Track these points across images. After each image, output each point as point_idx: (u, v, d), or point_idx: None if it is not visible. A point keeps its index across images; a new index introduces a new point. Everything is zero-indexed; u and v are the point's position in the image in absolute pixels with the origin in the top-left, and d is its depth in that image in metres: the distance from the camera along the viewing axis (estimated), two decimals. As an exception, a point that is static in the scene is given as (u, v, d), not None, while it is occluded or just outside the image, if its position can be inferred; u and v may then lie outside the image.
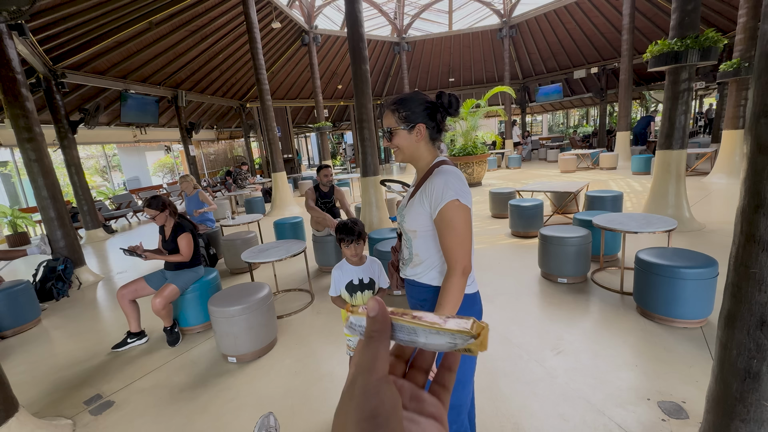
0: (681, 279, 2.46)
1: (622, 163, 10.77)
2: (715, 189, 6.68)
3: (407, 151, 1.26)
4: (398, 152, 1.28)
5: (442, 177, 1.17)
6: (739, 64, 6.53)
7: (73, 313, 3.95)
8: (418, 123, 1.22)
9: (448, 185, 1.15)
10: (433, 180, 1.18)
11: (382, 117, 1.29)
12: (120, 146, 15.27)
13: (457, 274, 1.14)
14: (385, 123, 1.25)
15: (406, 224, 1.28)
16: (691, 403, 1.85)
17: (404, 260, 1.38)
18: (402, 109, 1.22)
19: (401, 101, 1.23)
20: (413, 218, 1.25)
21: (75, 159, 7.30)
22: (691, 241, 4.08)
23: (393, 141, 1.25)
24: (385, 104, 1.26)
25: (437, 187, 1.16)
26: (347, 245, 1.88)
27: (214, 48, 10.48)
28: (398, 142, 1.25)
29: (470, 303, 1.27)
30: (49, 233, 4.66)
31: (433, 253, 1.26)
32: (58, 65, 7.05)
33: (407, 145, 1.25)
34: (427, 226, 1.23)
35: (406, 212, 1.29)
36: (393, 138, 1.24)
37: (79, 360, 2.91)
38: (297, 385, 2.30)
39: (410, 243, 1.31)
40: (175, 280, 2.92)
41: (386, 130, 1.25)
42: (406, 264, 1.37)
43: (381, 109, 1.31)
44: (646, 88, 15.39)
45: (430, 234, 1.24)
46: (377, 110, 14.84)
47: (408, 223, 1.27)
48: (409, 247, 1.32)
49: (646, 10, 11.64)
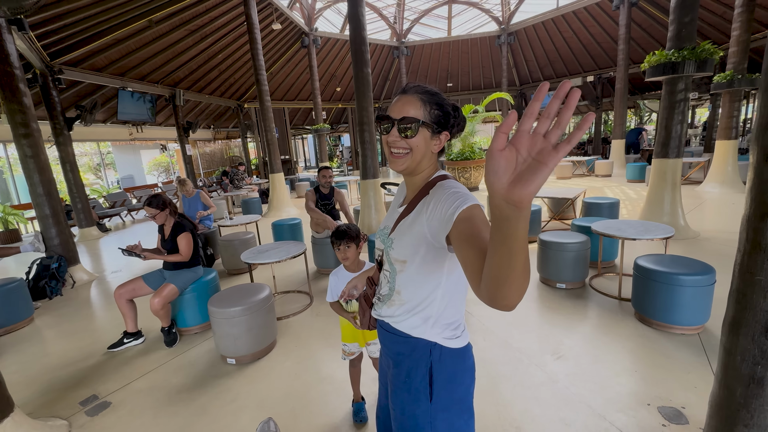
0: (679, 286, 2.49)
1: (617, 171, 10.91)
2: (709, 198, 6.79)
3: (418, 156, 0.94)
4: (404, 157, 0.94)
5: (447, 188, 0.90)
6: (732, 76, 6.67)
7: (67, 312, 3.88)
8: (445, 131, 0.96)
9: (459, 193, 0.87)
10: (435, 196, 0.90)
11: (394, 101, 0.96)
12: (115, 144, 15.13)
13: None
14: (406, 111, 0.91)
15: (394, 252, 0.98)
16: (691, 409, 1.87)
17: (381, 296, 1.08)
18: (435, 107, 0.93)
19: (436, 96, 0.94)
20: (405, 245, 0.95)
21: (70, 156, 7.22)
22: (686, 249, 4.13)
23: (412, 138, 0.91)
24: (411, 89, 0.94)
25: (446, 198, 0.87)
26: (337, 248, 1.86)
27: (213, 48, 10.46)
28: (417, 142, 0.92)
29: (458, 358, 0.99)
30: (43, 230, 4.59)
31: (420, 293, 0.97)
32: (56, 61, 6.99)
33: (423, 149, 0.94)
34: (420, 254, 0.93)
35: (395, 236, 0.99)
36: (415, 134, 0.91)
37: (73, 360, 2.87)
38: (297, 388, 2.29)
39: (393, 276, 1.01)
40: (174, 280, 2.89)
41: (405, 121, 0.91)
42: (382, 301, 1.06)
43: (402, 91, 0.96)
44: (640, 98, 15.63)
45: (420, 266, 0.94)
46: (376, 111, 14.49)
47: (396, 251, 0.98)
48: (391, 282, 1.02)
49: (641, 21, 11.85)
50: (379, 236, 1.09)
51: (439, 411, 0.97)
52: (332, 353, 2.64)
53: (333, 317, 3.18)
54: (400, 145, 0.93)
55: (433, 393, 0.96)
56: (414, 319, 0.98)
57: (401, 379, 1.02)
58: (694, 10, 4.24)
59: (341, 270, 1.93)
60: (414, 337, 0.98)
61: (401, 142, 0.92)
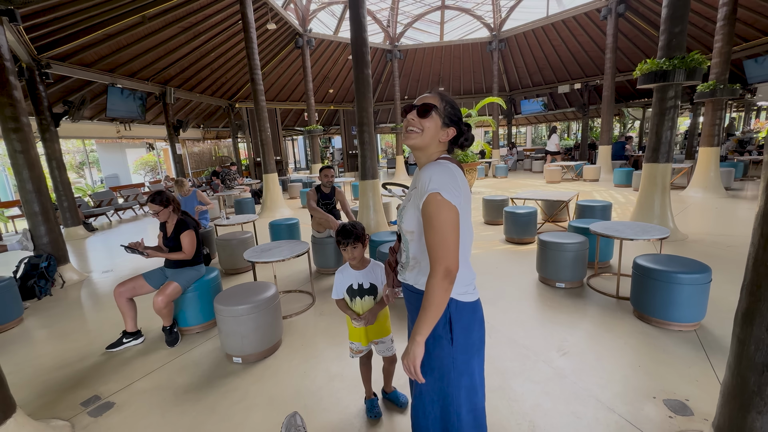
0: (677, 284, 2.58)
1: (604, 176, 11.21)
2: (693, 202, 7.04)
3: (427, 137, 1.16)
4: (417, 134, 1.16)
5: (429, 169, 1.09)
6: (714, 86, 6.96)
7: (58, 312, 3.76)
8: (452, 126, 1.19)
9: (432, 178, 1.07)
10: (421, 174, 1.11)
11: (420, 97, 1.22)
12: (99, 142, 14.73)
13: (438, 275, 1.04)
14: (425, 99, 1.18)
15: (403, 224, 1.22)
16: (695, 401, 1.94)
17: (402, 264, 1.31)
18: (449, 106, 1.19)
19: (453, 102, 1.21)
20: (409, 218, 1.18)
21: (57, 153, 7.02)
22: (677, 250, 4.28)
23: (425, 118, 1.15)
24: (434, 91, 1.21)
25: (422, 180, 1.09)
26: (344, 248, 1.85)
27: (206, 46, 10.33)
28: (429, 125, 1.15)
29: (471, 310, 1.20)
30: (32, 228, 4.44)
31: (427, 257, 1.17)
32: (43, 55, 6.79)
33: (433, 133, 1.16)
34: (422, 225, 1.14)
35: (404, 212, 1.22)
36: (427, 116, 1.15)
37: (69, 361, 2.78)
38: (307, 386, 2.27)
39: (407, 245, 1.23)
40: (176, 278, 2.84)
41: (423, 104, 1.16)
42: (404, 268, 1.29)
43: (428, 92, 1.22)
44: (625, 105, 16.11)
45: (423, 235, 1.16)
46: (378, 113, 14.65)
47: (405, 223, 1.21)
48: (407, 251, 1.24)
49: (628, 32, 12.25)
50: (399, 214, 1.31)
51: (459, 353, 1.18)
52: (339, 351, 2.63)
53: (337, 316, 3.18)
54: (416, 124, 1.16)
55: (453, 338, 1.17)
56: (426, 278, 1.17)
57: None
58: (684, 21, 4.42)
59: (347, 268, 1.92)
60: None
61: (416, 121, 1.16)
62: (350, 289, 1.89)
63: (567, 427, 1.83)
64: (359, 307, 1.89)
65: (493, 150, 15.41)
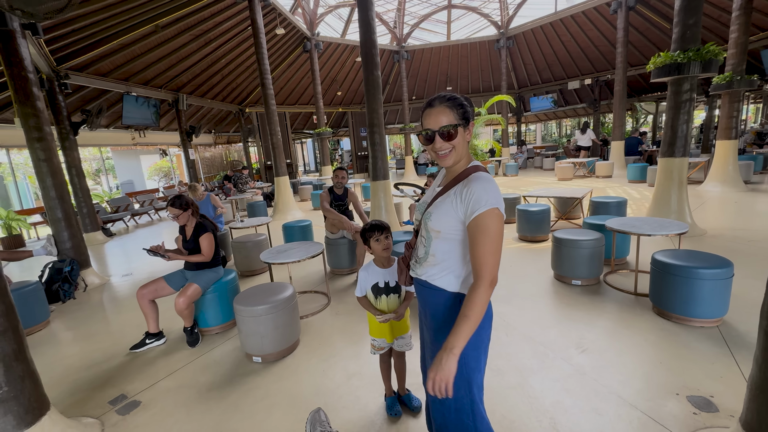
0: (698, 279, 2.54)
1: (617, 172, 11.02)
2: (711, 197, 6.89)
3: (461, 151, 1.19)
4: (450, 153, 1.18)
5: (482, 183, 1.13)
6: (731, 78, 6.80)
7: (82, 315, 3.88)
8: (470, 121, 1.20)
9: (489, 192, 1.11)
10: (472, 184, 1.13)
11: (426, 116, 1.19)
12: (114, 149, 15.09)
13: (485, 284, 1.09)
14: (440, 120, 1.16)
15: (431, 223, 1.22)
16: (720, 397, 1.91)
17: (418, 258, 1.32)
18: (458, 107, 1.17)
19: (455, 99, 1.18)
20: (440, 218, 1.20)
21: (76, 161, 7.22)
22: (696, 246, 4.19)
23: (452, 140, 1.16)
24: (436, 102, 1.18)
25: (476, 192, 1.11)
26: (377, 240, 1.88)
27: (217, 53, 10.51)
28: (458, 141, 1.17)
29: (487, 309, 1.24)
30: (55, 234, 4.59)
31: (453, 256, 1.22)
32: (62, 66, 7.01)
33: (462, 143, 1.19)
34: (453, 229, 1.18)
35: (433, 210, 1.23)
36: (453, 137, 1.16)
37: (96, 361, 2.87)
38: (327, 384, 2.31)
39: (429, 242, 1.25)
40: (196, 280, 2.91)
41: (442, 129, 1.15)
42: (419, 263, 1.31)
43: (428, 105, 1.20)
44: (637, 100, 15.83)
45: (453, 237, 1.20)
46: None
47: (433, 222, 1.22)
48: (426, 246, 1.26)
49: (639, 25, 12.04)
50: (419, 209, 1.35)
51: (469, 349, 1.19)
52: (357, 350, 2.66)
53: (353, 316, 3.21)
54: (445, 147, 1.18)
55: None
56: (449, 276, 1.24)
57: (439, 324, 1.28)
58: (698, 12, 4.34)
59: (371, 265, 1.95)
60: (448, 291, 1.24)
61: (446, 144, 1.17)
62: (375, 287, 1.91)
63: (588, 424, 1.82)
64: (384, 304, 1.91)
65: (503, 148, 15.30)
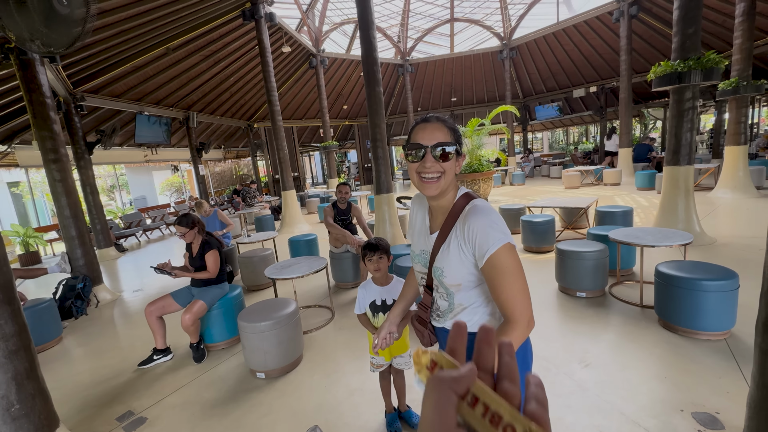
0: (703, 291, 2.50)
1: (625, 179, 10.90)
2: (722, 204, 6.77)
3: (449, 179, 1.03)
4: (438, 180, 1.01)
5: (482, 217, 0.98)
6: (737, 83, 6.74)
7: (94, 331, 3.97)
8: (462, 153, 1.05)
9: (494, 227, 0.96)
10: (471, 221, 0.99)
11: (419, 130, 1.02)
12: (128, 166, 15.53)
13: (521, 327, 0.94)
14: (436, 136, 0.99)
15: (447, 279, 1.06)
16: (726, 414, 1.87)
17: (441, 312, 1.16)
18: (455, 132, 1.04)
19: (454, 124, 1.06)
20: (453, 272, 1.04)
21: (90, 179, 7.46)
22: (704, 255, 4.13)
23: (445, 162, 1.00)
24: (433, 118, 1.03)
25: (481, 230, 0.97)
26: (370, 259, 1.93)
27: (226, 71, 10.83)
28: (450, 166, 1.01)
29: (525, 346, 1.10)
30: (69, 251, 4.73)
31: (482, 297, 1.08)
32: (78, 89, 7.31)
33: (452, 172, 1.03)
34: (473, 276, 1.04)
35: (442, 265, 1.06)
36: (447, 158, 0.99)
37: (105, 377, 2.93)
38: (329, 400, 2.32)
39: (451, 297, 1.10)
40: (202, 296, 2.97)
41: (438, 145, 0.98)
42: (443, 315, 1.16)
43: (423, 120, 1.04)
44: (644, 106, 15.73)
45: (476, 283, 1.06)
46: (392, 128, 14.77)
47: (448, 278, 1.06)
48: (449, 300, 1.11)
49: (642, 32, 12.05)
50: (419, 261, 1.17)
51: None
52: (359, 365, 2.67)
53: (357, 330, 3.22)
54: (435, 169, 1.00)
55: None
56: (482, 317, 1.09)
57: None
58: (697, 21, 4.35)
59: (369, 283, 1.99)
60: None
61: (436, 166, 0.99)
62: (372, 305, 1.94)
63: (590, 442, 1.80)
64: (381, 322, 1.93)
65: (509, 157, 15.29)
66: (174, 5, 6.70)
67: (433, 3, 15.00)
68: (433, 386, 0.26)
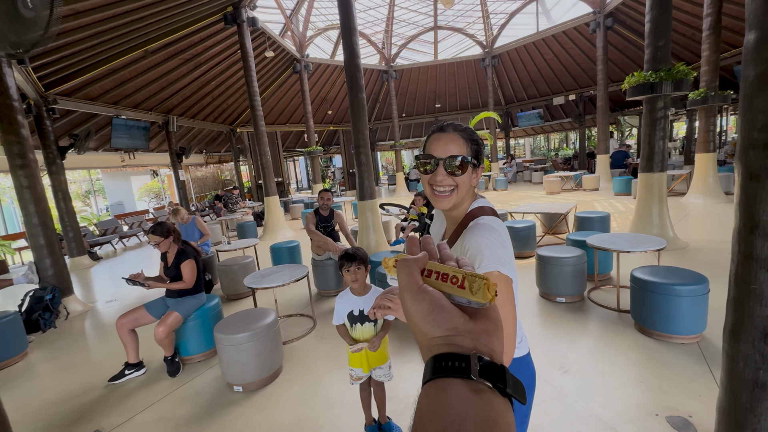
0: (676, 296, 2.57)
1: (603, 185, 11.23)
2: (694, 209, 7.03)
3: (463, 192, 0.98)
4: (451, 195, 0.96)
5: (479, 237, 0.90)
6: (705, 93, 7.04)
7: (62, 344, 3.79)
8: (481, 165, 1.01)
9: (488, 248, 0.87)
10: (468, 238, 0.92)
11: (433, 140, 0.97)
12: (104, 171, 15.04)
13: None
14: (450, 149, 0.94)
15: None
16: (698, 417, 1.92)
17: None
18: (473, 142, 0.97)
19: (472, 133, 0.99)
20: None
21: (62, 185, 7.18)
22: (677, 259, 4.26)
23: (457, 176, 0.95)
24: (449, 128, 0.98)
25: (471, 249, 0.89)
26: (347, 270, 1.91)
27: (207, 75, 10.65)
28: (464, 179, 0.96)
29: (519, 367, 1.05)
30: (37, 261, 4.52)
31: None
32: (50, 92, 7.03)
33: (467, 185, 0.98)
34: None
35: None
36: (464, 170, 0.94)
37: (73, 394, 2.79)
38: (308, 414, 2.27)
39: None
40: (177, 308, 2.87)
41: (451, 159, 0.93)
42: None
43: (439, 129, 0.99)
44: (621, 114, 16.27)
45: None
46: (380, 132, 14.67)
47: None
48: None
49: (617, 43, 12.50)
50: None
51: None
52: (340, 376, 2.63)
53: (339, 340, 3.17)
54: (447, 183, 0.95)
55: None
56: None
57: None
58: (667, 34, 4.54)
59: (347, 293, 1.96)
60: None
61: (448, 179, 0.95)
62: (350, 315, 1.91)
63: (569, 449, 1.81)
64: (359, 333, 1.91)
65: (492, 163, 15.53)
66: (151, 8, 6.55)
67: (417, 11, 15.19)
68: (403, 265, 0.39)
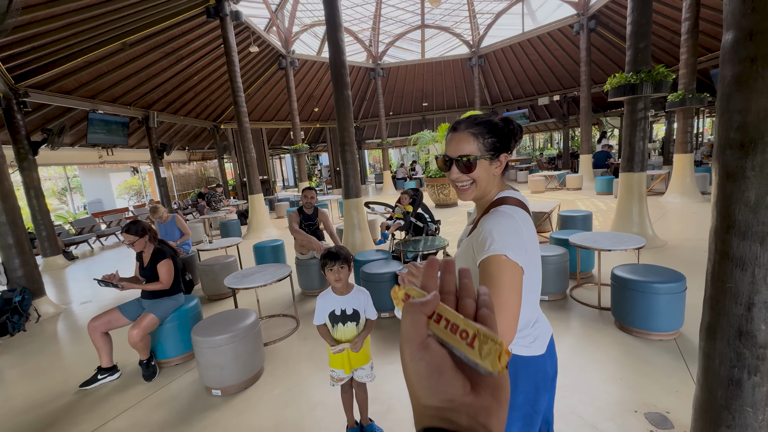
0: (654, 294, 2.62)
1: (586, 184, 11.44)
2: (672, 208, 7.22)
3: (483, 185, 1.04)
4: (470, 188, 1.04)
5: (494, 221, 0.95)
6: (683, 96, 7.24)
7: (32, 349, 3.62)
8: (503, 152, 1.03)
9: (499, 233, 0.91)
10: (484, 222, 0.97)
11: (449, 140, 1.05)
12: (81, 167, 14.52)
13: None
14: (461, 149, 1.01)
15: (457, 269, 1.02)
16: (675, 413, 1.95)
17: None
18: (488, 135, 1.01)
19: (487, 124, 1.02)
20: (462, 263, 1.06)
21: (35, 182, 6.88)
22: (656, 257, 4.36)
23: (472, 172, 1.01)
24: (461, 126, 1.03)
25: (484, 232, 0.94)
26: (330, 269, 1.87)
27: (189, 70, 10.38)
28: (478, 174, 1.02)
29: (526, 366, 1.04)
30: (5, 262, 4.31)
31: None
32: (21, 84, 6.73)
33: (486, 177, 1.03)
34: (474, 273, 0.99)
35: (459, 253, 1.08)
36: (473, 168, 1.01)
37: (41, 401, 2.66)
38: (289, 417, 2.22)
39: None
40: (153, 310, 2.77)
41: (463, 159, 1.00)
42: None
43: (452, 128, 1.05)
44: (603, 115, 16.61)
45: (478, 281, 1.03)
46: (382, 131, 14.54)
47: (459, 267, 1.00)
48: None
49: (600, 45, 12.74)
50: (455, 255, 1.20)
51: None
52: (323, 377, 2.58)
53: (321, 340, 3.10)
54: (464, 179, 1.03)
55: None
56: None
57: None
58: (648, 37, 4.63)
59: (329, 292, 1.92)
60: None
61: (463, 176, 1.03)
62: (332, 315, 1.87)
63: (550, 448, 1.81)
64: (341, 333, 1.87)
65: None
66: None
67: (404, 9, 15.15)
68: (408, 310, 0.33)
